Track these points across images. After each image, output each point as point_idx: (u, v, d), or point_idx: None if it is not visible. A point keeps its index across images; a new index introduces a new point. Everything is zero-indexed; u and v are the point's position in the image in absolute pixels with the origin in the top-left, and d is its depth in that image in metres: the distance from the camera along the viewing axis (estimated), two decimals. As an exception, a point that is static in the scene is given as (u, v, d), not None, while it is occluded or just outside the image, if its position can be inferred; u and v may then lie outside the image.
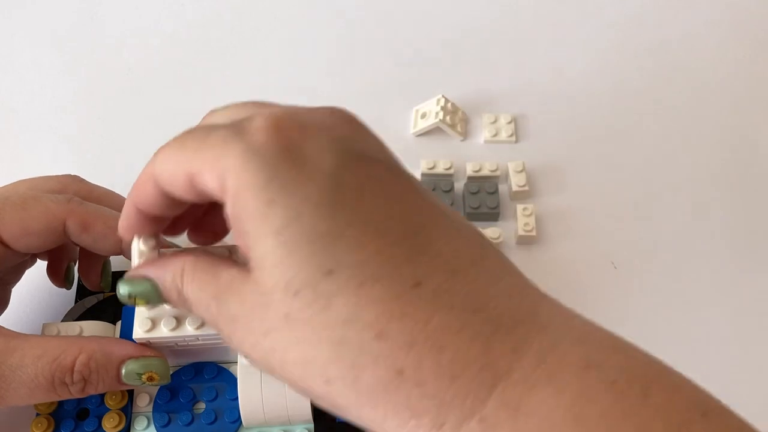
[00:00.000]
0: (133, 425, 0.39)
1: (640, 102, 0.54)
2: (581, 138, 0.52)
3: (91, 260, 0.43)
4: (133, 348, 0.37)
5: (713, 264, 0.48)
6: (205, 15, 0.61)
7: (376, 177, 0.27)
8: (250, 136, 0.27)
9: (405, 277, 0.25)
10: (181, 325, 0.37)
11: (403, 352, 0.25)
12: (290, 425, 0.39)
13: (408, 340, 0.25)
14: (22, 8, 0.62)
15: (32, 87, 0.57)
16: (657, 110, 0.54)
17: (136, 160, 0.52)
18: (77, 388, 0.36)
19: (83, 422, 0.39)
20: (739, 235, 0.49)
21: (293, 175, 0.26)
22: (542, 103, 0.54)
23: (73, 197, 0.39)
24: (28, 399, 0.36)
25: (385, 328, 0.25)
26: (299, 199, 0.26)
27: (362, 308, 0.25)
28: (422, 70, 0.57)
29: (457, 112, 0.54)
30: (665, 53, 0.57)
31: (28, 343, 0.36)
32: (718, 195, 0.50)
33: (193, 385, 0.40)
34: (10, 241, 0.38)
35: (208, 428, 0.39)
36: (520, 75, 0.56)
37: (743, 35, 0.58)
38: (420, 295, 0.25)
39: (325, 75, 0.57)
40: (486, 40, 0.58)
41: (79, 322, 0.41)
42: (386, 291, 0.25)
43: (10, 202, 0.38)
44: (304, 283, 0.26)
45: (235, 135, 0.27)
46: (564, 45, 0.58)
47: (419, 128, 0.53)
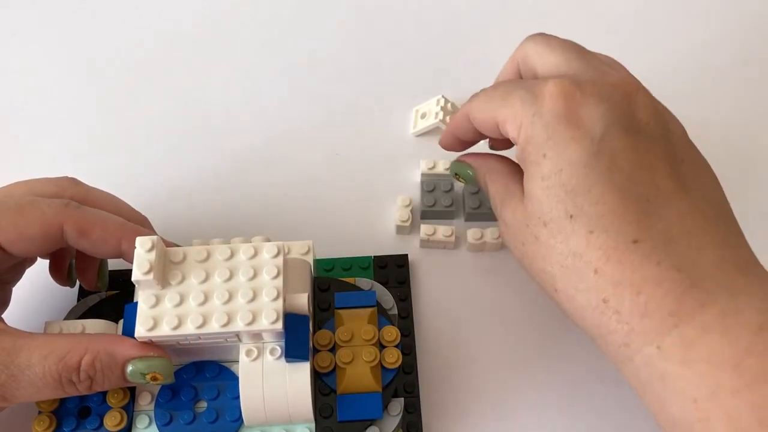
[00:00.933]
0: (135, 423, 0.39)
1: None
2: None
3: (88, 260, 0.43)
4: (137, 348, 0.37)
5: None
6: (205, 15, 0.61)
7: (631, 148, 0.34)
8: (541, 99, 0.35)
9: (627, 233, 0.33)
10: (183, 324, 0.37)
11: (611, 287, 0.32)
12: (291, 424, 0.39)
13: (616, 280, 0.32)
14: (21, 8, 0.62)
15: (32, 87, 0.57)
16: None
17: (135, 160, 0.53)
18: (84, 386, 0.37)
19: (85, 420, 0.39)
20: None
21: (565, 138, 0.34)
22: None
23: (70, 202, 0.39)
24: (37, 396, 0.37)
25: (601, 267, 0.33)
26: (564, 158, 0.34)
27: (588, 249, 0.33)
28: (422, 70, 0.57)
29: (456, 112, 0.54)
30: (665, 53, 0.57)
31: (34, 342, 0.36)
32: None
33: (194, 384, 0.40)
34: (6, 245, 0.38)
35: (209, 427, 0.39)
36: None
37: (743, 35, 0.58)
38: (635, 250, 0.32)
39: (325, 75, 0.57)
40: (486, 40, 0.58)
41: (81, 320, 0.41)
42: (609, 241, 0.33)
43: (5, 206, 0.38)
44: (552, 218, 0.34)
45: (529, 97, 0.36)
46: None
47: (419, 128, 0.53)
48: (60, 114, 0.56)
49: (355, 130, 0.54)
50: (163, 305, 0.37)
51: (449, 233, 0.48)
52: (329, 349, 0.40)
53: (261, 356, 0.39)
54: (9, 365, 0.35)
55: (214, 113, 0.56)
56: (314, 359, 0.40)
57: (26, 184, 0.41)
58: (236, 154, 0.53)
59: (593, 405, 0.43)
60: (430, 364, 0.44)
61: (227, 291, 0.38)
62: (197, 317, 0.37)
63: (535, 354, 0.44)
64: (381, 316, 0.42)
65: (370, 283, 0.44)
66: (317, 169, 0.53)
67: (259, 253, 0.39)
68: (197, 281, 0.38)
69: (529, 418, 0.42)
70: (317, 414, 0.39)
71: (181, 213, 0.51)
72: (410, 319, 0.44)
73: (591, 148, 0.34)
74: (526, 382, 0.43)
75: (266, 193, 0.52)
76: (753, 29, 0.59)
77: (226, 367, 0.40)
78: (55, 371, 0.36)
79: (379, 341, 0.41)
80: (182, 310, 0.37)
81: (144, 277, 0.37)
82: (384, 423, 0.40)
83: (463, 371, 0.44)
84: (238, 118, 0.55)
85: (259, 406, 0.38)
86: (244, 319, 0.37)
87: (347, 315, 0.41)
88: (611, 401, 0.42)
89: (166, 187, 0.52)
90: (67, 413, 0.40)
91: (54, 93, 0.57)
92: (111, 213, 0.41)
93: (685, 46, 0.58)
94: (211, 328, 0.37)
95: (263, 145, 0.54)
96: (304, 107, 0.56)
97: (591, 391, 0.43)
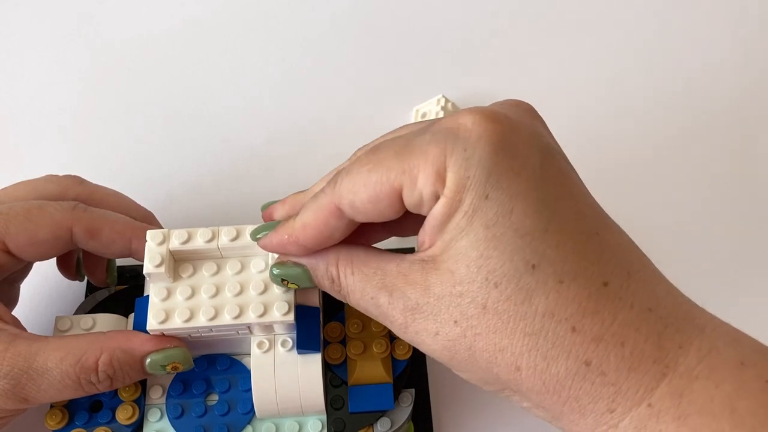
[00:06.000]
0: (147, 417, 0.39)
1: (641, 102, 0.55)
2: (581, 137, 0.53)
3: (96, 258, 0.43)
4: (152, 342, 0.37)
5: (713, 267, 0.48)
6: (205, 15, 0.61)
7: (565, 172, 0.29)
8: (467, 132, 0.28)
9: (595, 276, 0.28)
10: (195, 317, 0.37)
11: (592, 345, 0.27)
12: (303, 416, 0.40)
13: (597, 335, 0.27)
14: (21, 8, 0.61)
15: (32, 87, 0.57)
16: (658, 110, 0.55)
17: (135, 160, 0.53)
18: (104, 385, 0.37)
19: (97, 414, 0.39)
20: (739, 238, 0.50)
21: (507, 171, 0.28)
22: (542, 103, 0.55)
23: (77, 204, 0.39)
24: (59, 397, 0.37)
25: (579, 323, 0.27)
26: (511, 195, 0.27)
27: (560, 304, 0.27)
28: (422, 70, 0.57)
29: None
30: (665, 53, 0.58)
31: (49, 346, 0.36)
32: (718, 204, 0.51)
33: (205, 377, 0.40)
34: (16, 251, 0.38)
35: (220, 419, 0.39)
36: (520, 75, 0.57)
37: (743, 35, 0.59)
38: (607, 294, 0.27)
39: (325, 75, 0.58)
40: (486, 40, 0.59)
41: (92, 314, 0.41)
42: (581, 289, 0.27)
43: (14, 212, 0.38)
44: (506, 275, 0.27)
45: (448, 134, 0.28)
46: (564, 45, 0.59)
47: (419, 128, 0.54)
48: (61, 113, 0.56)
49: (355, 130, 0.55)
50: (174, 298, 0.37)
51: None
52: (340, 341, 0.41)
53: (272, 348, 0.39)
54: (28, 370, 0.35)
55: (214, 113, 0.56)
56: (325, 351, 0.40)
57: (30, 184, 0.41)
58: (236, 154, 0.54)
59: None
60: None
61: (239, 283, 0.38)
62: (209, 310, 0.37)
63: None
64: (391, 308, 0.42)
65: (378, 275, 0.44)
66: (317, 169, 0.53)
67: None
68: (208, 274, 0.38)
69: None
70: (329, 406, 0.39)
71: (182, 212, 0.51)
72: (418, 311, 0.44)
73: (536, 181, 0.28)
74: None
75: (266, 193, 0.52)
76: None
77: (238, 360, 0.40)
78: (73, 373, 0.36)
79: (389, 333, 0.41)
80: (194, 303, 0.37)
81: (155, 270, 0.37)
82: (395, 414, 0.40)
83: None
84: (239, 118, 0.55)
85: (271, 398, 0.38)
86: (255, 311, 0.37)
87: (357, 307, 0.42)
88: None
89: (167, 186, 0.52)
90: (79, 407, 0.39)
91: (54, 93, 0.57)
92: (117, 211, 0.41)
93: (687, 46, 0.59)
94: (223, 321, 0.37)
95: (263, 145, 0.54)
96: (305, 107, 0.56)
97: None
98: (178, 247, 0.37)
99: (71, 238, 0.39)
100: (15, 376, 0.35)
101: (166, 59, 0.59)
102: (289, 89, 0.57)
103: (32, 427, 0.41)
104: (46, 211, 0.38)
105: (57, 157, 0.54)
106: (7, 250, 0.38)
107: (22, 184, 0.41)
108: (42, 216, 0.38)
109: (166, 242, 0.37)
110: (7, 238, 0.38)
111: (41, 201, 0.39)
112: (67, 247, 0.39)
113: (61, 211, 0.39)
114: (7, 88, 0.57)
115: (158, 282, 0.38)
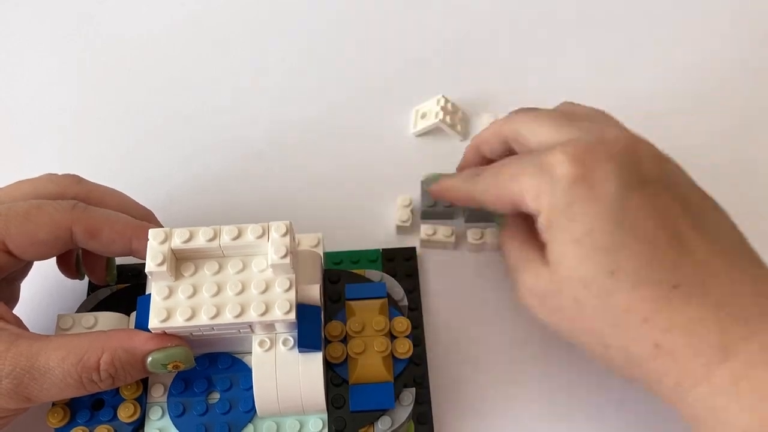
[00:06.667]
0: (148, 415, 0.39)
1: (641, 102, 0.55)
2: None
3: (96, 257, 0.43)
4: (154, 341, 0.37)
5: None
6: (205, 15, 0.61)
7: (647, 200, 0.35)
8: (551, 168, 0.36)
9: (667, 280, 0.34)
10: (196, 315, 0.37)
11: (662, 333, 0.34)
12: (304, 415, 0.40)
13: (666, 326, 0.33)
14: (21, 8, 0.62)
15: (32, 87, 0.57)
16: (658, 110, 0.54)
17: (135, 159, 0.53)
18: (106, 383, 0.37)
19: (98, 412, 0.39)
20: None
21: (586, 200, 0.35)
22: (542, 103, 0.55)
23: (77, 204, 0.39)
24: (61, 396, 0.37)
25: (650, 316, 0.34)
26: (591, 218, 0.35)
27: (635, 302, 0.34)
28: (422, 70, 0.57)
29: (457, 112, 0.54)
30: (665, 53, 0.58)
31: (50, 345, 0.36)
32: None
33: (207, 375, 0.40)
34: (16, 252, 0.38)
35: (222, 418, 0.39)
36: (521, 75, 0.57)
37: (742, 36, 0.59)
38: (677, 294, 0.34)
39: (325, 75, 0.58)
40: (486, 40, 0.59)
41: (93, 313, 0.41)
42: (653, 292, 0.34)
43: (13, 212, 0.38)
44: (593, 278, 0.35)
45: (539, 170, 0.37)
46: (564, 45, 0.59)
47: (419, 128, 0.54)
48: (61, 113, 0.56)
49: (355, 130, 0.55)
50: (176, 296, 0.37)
51: (449, 233, 0.49)
52: (341, 340, 0.41)
53: (274, 347, 0.39)
54: (30, 369, 0.35)
55: (216, 113, 0.56)
56: (326, 350, 0.40)
57: (29, 184, 0.41)
58: (236, 154, 0.54)
59: (599, 394, 0.43)
60: (437, 356, 0.45)
61: (240, 282, 0.38)
62: (210, 308, 0.37)
63: (539, 351, 0.45)
64: (391, 307, 0.42)
65: (379, 274, 0.45)
66: (317, 169, 0.53)
67: None
68: (210, 272, 0.38)
69: (533, 410, 0.43)
70: (330, 404, 0.40)
71: (182, 212, 0.51)
72: (419, 311, 0.44)
73: (612, 206, 0.35)
74: (528, 378, 0.44)
75: (266, 192, 0.52)
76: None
77: (239, 359, 0.40)
78: (75, 373, 0.36)
79: (390, 332, 0.41)
80: (195, 301, 0.37)
81: (157, 268, 0.37)
82: (396, 413, 0.40)
83: (468, 365, 0.44)
84: (239, 118, 0.56)
85: (272, 396, 0.39)
86: (257, 310, 0.37)
87: (358, 306, 0.42)
88: (615, 383, 0.43)
89: (167, 186, 0.52)
90: (80, 405, 0.39)
91: (54, 93, 0.57)
92: (116, 210, 0.41)
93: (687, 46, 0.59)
94: (224, 319, 0.37)
95: (263, 144, 0.54)
96: (305, 107, 0.56)
97: (595, 382, 0.44)
98: (179, 246, 0.38)
99: (71, 238, 0.39)
100: (17, 376, 0.35)
101: (166, 59, 0.59)
102: (289, 89, 0.57)
103: (34, 425, 0.41)
104: (46, 211, 0.39)
105: (57, 157, 0.54)
106: (7, 250, 0.38)
107: (22, 183, 0.41)
108: (41, 216, 0.38)
109: (168, 241, 0.38)
110: (7, 239, 0.38)
111: (41, 201, 0.39)
112: (66, 246, 0.40)
113: (60, 211, 0.39)
114: (7, 88, 0.57)
115: (160, 280, 0.38)
